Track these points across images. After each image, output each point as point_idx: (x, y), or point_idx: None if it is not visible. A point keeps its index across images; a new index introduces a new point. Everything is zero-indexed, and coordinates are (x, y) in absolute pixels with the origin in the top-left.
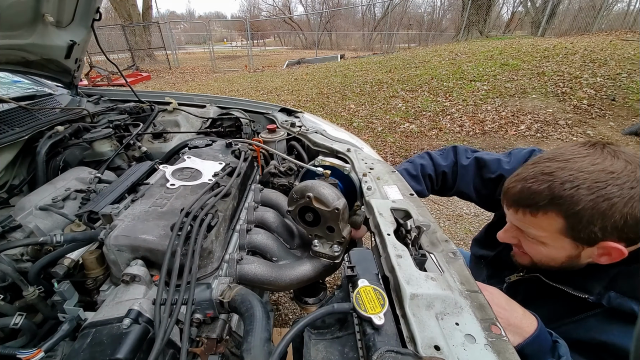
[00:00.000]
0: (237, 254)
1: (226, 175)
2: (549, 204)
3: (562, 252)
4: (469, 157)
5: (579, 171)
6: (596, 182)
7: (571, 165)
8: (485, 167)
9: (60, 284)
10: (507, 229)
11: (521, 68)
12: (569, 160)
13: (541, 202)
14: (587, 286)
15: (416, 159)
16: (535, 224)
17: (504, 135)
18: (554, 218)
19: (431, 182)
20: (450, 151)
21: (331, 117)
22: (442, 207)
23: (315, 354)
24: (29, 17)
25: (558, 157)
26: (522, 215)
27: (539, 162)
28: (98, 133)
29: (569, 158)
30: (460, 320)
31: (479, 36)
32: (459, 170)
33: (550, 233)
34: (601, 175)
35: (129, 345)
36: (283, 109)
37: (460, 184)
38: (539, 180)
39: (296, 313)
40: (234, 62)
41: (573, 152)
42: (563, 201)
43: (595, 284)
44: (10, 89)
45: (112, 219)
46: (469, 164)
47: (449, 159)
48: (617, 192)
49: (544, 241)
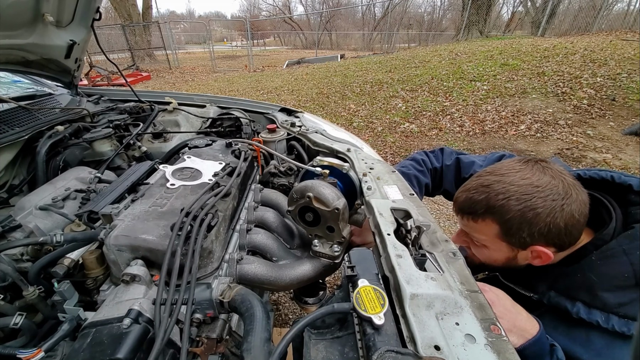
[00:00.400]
0: (237, 253)
1: (226, 175)
2: (486, 212)
3: (501, 254)
4: (452, 158)
5: (511, 184)
6: (524, 195)
7: (505, 179)
8: (463, 168)
9: (60, 284)
10: (458, 233)
11: (521, 68)
12: (504, 174)
13: (479, 210)
14: (533, 285)
15: (416, 156)
16: (477, 229)
17: (503, 135)
18: (491, 224)
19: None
20: (438, 152)
21: (331, 117)
22: (442, 207)
23: (315, 353)
24: (29, 16)
25: (496, 172)
26: (467, 221)
27: (482, 175)
28: (98, 133)
29: (504, 172)
30: (460, 320)
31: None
32: (444, 170)
33: (489, 237)
34: (528, 188)
35: (129, 345)
36: (283, 108)
37: (445, 183)
38: (478, 192)
39: (296, 313)
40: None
41: (509, 167)
42: (497, 210)
43: (541, 284)
44: (10, 89)
45: (112, 218)
46: (451, 164)
47: (439, 160)
48: (540, 204)
49: (485, 244)
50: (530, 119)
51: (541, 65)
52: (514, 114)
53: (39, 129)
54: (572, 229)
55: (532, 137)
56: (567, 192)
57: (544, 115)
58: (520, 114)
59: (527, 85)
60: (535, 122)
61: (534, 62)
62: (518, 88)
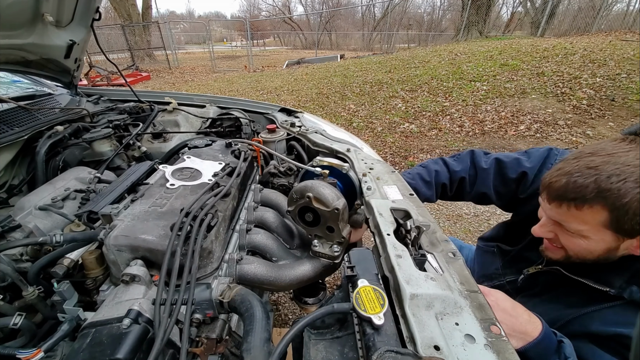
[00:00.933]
0: (237, 254)
1: (226, 175)
2: (596, 197)
3: (601, 245)
4: (488, 160)
5: (625, 165)
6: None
7: (616, 159)
8: (506, 168)
9: (59, 284)
10: (543, 223)
11: (521, 68)
12: (613, 154)
13: (589, 195)
14: (608, 280)
15: (430, 164)
16: (579, 218)
17: (503, 136)
18: (599, 211)
19: (443, 190)
20: (467, 156)
21: (331, 117)
22: (442, 207)
23: (315, 354)
24: (29, 16)
25: (600, 152)
26: (567, 209)
27: (581, 157)
28: (97, 133)
29: (612, 152)
30: (460, 320)
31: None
32: (479, 174)
33: (593, 226)
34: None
35: (129, 345)
36: (283, 109)
37: (480, 186)
38: (584, 174)
39: (296, 313)
40: (233, 62)
41: (615, 147)
42: (610, 194)
43: (617, 278)
44: (9, 89)
45: (111, 219)
46: (489, 166)
47: (465, 164)
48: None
49: (585, 234)
50: (529, 119)
51: (541, 66)
52: (513, 114)
53: (39, 129)
54: None
55: (531, 137)
56: None
57: (543, 116)
58: (519, 114)
59: (527, 86)
60: (535, 122)
61: (533, 63)
62: (517, 88)
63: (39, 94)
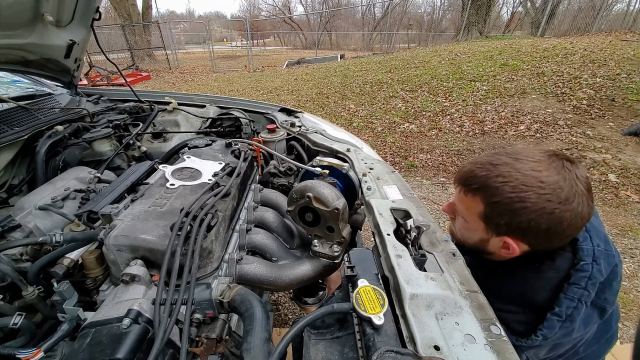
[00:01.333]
0: (237, 254)
1: (226, 175)
2: (479, 189)
3: (476, 234)
4: None
5: (517, 171)
6: (522, 185)
7: (515, 164)
8: None
9: (59, 284)
10: (449, 202)
11: (521, 68)
12: (517, 160)
13: (474, 186)
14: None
15: None
16: (464, 202)
17: (503, 136)
18: (478, 202)
19: None
20: None
21: (331, 117)
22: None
23: (315, 354)
24: (29, 16)
25: (513, 155)
26: (458, 192)
27: (498, 153)
28: (97, 133)
29: (519, 158)
30: (460, 320)
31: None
32: None
33: (472, 214)
34: (531, 180)
35: (129, 345)
36: (283, 108)
37: None
38: (483, 168)
39: (296, 313)
40: (233, 62)
41: (528, 154)
42: (489, 190)
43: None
44: (9, 89)
45: (111, 218)
46: None
47: None
48: (534, 199)
49: (466, 219)
50: (529, 119)
51: (541, 66)
52: (513, 114)
53: (39, 128)
54: (554, 236)
55: (531, 137)
56: (569, 199)
57: (543, 116)
58: (519, 114)
59: (527, 86)
60: (535, 122)
61: (533, 63)
62: (518, 88)
63: (39, 93)
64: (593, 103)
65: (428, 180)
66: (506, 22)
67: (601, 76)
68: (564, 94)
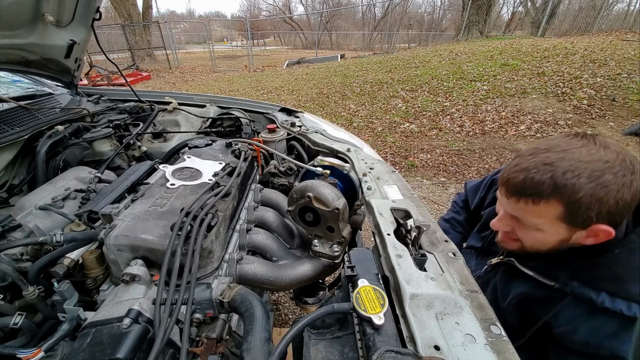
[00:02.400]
0: (237, 253)
1: (226, 175)
2: (552, 192)
3: (555, 237)
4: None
5: (579, 161)
6: (595, 172)
7: (570, 155)
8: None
9: (60, 284)
10: (501, 217)
11: (521, 68)
12: (567, 150)
13: (545, 191)
14: (553, 274)
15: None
16: (535, 212)
17: (503, 136)
18: (555, 206)
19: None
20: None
21: (331, 117)
22: (442, 207)
23: (315, 353)
24: (29, 16)
25: (555, 148)
26: (524, 204)
27: (537, 153)
28: (98, 133)
29: (566, 149)
30: (460, 320)
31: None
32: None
33: (548, 220)
34: (598, 164)
35: (129, 344)
36: (283, 108)
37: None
38: (541, 171)
39: (296, 313)
40: (234, 62)
41: (569, 143)
42: (565, 189)
43: (561, 273)
44: (10, 89)
45: (112, 218)
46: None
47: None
48: (612, 180)
49: (541, 227)
50: (530, 119)
51: (541, 66)
52: (514, 114)
53: (39, 128)
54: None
55: (532, 137)
56: (635, 166)
57: (544, 116)
58: (520, 114)
59: (527, 86)
60: (535, 122)
61: (534, 63)
62: (518, 88)
63: (39, 93)
64: (593, 103)
65: (428, 180)
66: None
67: (602, 76)
68: (564, 93)
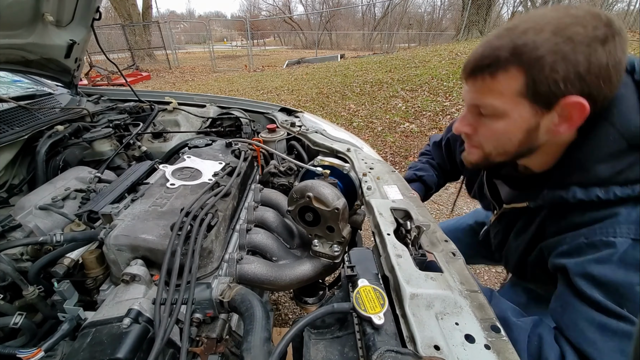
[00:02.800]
0: (237, 253)
1: (226, 175)
2: (510, 57)
3: (520, 124)
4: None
5: (542, 17)
6: (561, 23)
7: (532, 15)
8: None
9: (60, 284)
10: (462, 116)
11: None
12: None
13: (502, 57)
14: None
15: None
16: (494, 89)
17: None
18: (515, 75)
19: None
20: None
21: (331, 117)
22: (442, 207)
23: (315, 353)
24: (29, 16)
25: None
26: (482, 82)
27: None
28: (98, 132)
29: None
30: (460, 320)
31: (479, 36)
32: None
33: (509, 97)
34: (565, 18)
35: (129, 344)
36: (283, 108)
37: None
38: (500, 36)
39: (296, 313)
40: (234, 62)
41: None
42: (525, 49)
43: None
44: (10, 89)
45: (112, 218)
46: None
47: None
48: (582, 32)
49: (502, 112)
50: None
51: None
52: None
53: (39, 128)
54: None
55: None
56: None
57: None
58: None
59: None
60: None
61: None
62: None
63: (39, 93)
64: None
65: None
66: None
67: None
68: None
